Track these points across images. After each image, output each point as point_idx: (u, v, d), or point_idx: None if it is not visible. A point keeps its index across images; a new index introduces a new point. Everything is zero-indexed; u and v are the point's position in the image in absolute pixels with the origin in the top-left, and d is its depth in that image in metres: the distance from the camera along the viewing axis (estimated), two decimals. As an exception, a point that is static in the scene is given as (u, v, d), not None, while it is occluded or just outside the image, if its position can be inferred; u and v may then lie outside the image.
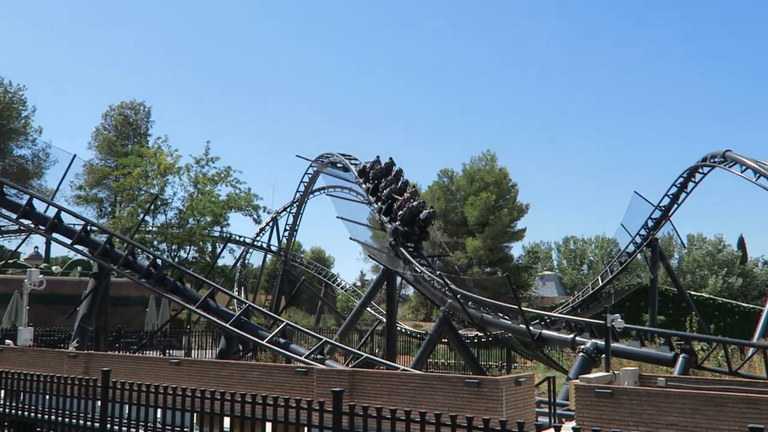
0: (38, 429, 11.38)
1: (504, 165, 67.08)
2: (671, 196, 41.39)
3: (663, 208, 41.59)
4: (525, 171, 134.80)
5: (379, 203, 31.31)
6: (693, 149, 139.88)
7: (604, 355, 15.81)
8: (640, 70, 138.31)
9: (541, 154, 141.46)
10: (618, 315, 15.19)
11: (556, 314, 27.73)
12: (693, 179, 40.72)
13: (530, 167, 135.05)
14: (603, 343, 17.35)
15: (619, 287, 48.35)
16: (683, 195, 41.18)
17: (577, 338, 20.37)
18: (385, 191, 31.22)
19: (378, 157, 34.19)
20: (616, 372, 12.54)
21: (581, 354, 19.16)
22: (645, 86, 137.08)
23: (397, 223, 29.86)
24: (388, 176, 32.09)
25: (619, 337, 19.94)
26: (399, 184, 31.55)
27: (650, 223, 42.02)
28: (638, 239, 42.31)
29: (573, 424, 8.78)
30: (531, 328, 22.17)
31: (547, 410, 13.50)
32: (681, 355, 18.11)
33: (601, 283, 43.70)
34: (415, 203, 30.13)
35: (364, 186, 33.63)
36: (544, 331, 22.15)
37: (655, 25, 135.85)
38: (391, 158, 33.35)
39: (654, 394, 8.60)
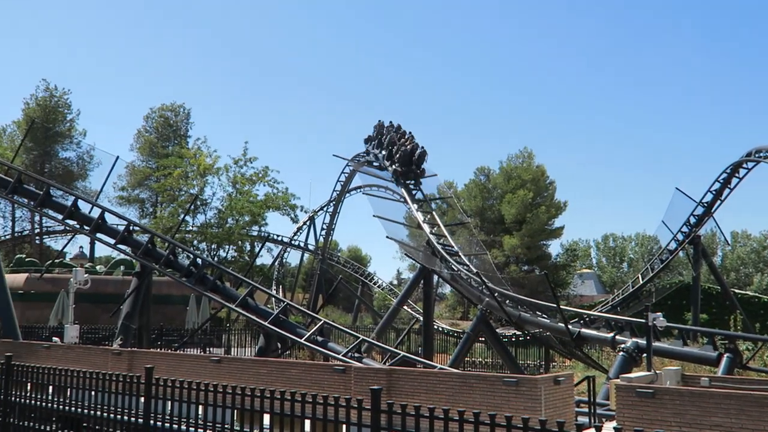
0: (84, 424, 11.65)
1: (541, 162, 66.60)
2: (714, 192, 40.48)
3: (705, 205, 40.68)
4: (563, 168, 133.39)
5: (383, 151, 35.10)
6: (737, 144, 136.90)
7: (645, 355, 15.56)
8: (682, 64, 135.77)
9: (579, 151, 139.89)
10: (660, 313, 14.93)
11: (595, 313, 27.37)
12: (737, 174, 39.76)
13: (568, 164, 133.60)
14: (644, 342, 17.10)
15: (661, 285, 47.49)
16: (727, 191, 40.22)
17: (617, 337, 20.09)
18: (386, 139, 35.10)
19: (380, 121, 37.26)
20: (658, 372, 12.36)
21: (622, 353, 18.90)
22: (688, 80, 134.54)
23: (395, 165, 32.83)
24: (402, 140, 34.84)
25: (660, 336, 19.62)
26: (399, 134, 35.07)
27: (692, 220, 41.16)
28: (680, 236, 41.47)
29: (614, 424, 8.67)
30: (570, 326, 21.93)
31: (586, 410, 13.35)
32: (725, 355, 17.74)
33: (641, 281, 42.92)
34: (409, 146, 33.06)
35: (380, 153, 35.80)
36: (583, 330, 21.90)
37: (698, 16, 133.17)
38: (390, 122, 36.69)
39: (697, 394, 8.45)
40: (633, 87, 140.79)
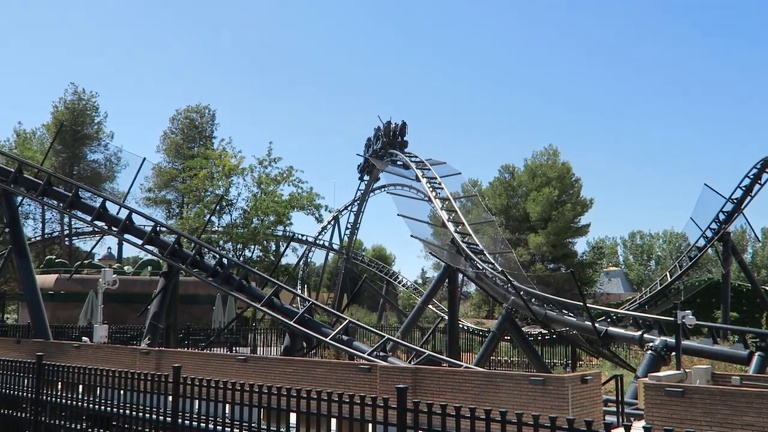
0: (114, 423, 11.79)
1: (567, 159, 66.10)
2: (744, 188, 39.80)
3: (735, 201, 40.01)
4: (589, 165, 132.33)
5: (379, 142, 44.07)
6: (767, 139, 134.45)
7: (674, 353, 15.37)
8: (711, 59, 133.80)
9: (605, 148, 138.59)
10: (689, 311, 14.72)
11: (622, 311, 27.08)
12: (767, 170, 39.11)
13: (595, 161, 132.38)
14: (673, 340, 16.90)
15: (689, 283, 46.85)
16: (757, 186, 39.53)
17: (645, 335, 19.86)
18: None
19: (390, 121, 44.17)
20: (687, 370, 12.19)
21: (650, 352, 18.68)
22: (717, 75, 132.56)
23: (380, 142, 42.87)
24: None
25: (690, 335, 19.37)
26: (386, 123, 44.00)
27: (722, 217, 40.51)
28: (709, 233, 40.84)
29: (642, 423, 8.57)
30: (597, 325, 21.73)
31: (613, 409, 13.20)
32: (756, 353, 17.45)
33: (669, 279, 42.37)
34: (392, 125, 43.11)
35: (377, 146, 44.08)
36: (611, 328, 21.69)
37: (725, 14, 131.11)
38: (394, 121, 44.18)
39: (728, 393, 8.31)
40: (661, 83, 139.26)
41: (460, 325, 36.50)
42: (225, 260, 22.46)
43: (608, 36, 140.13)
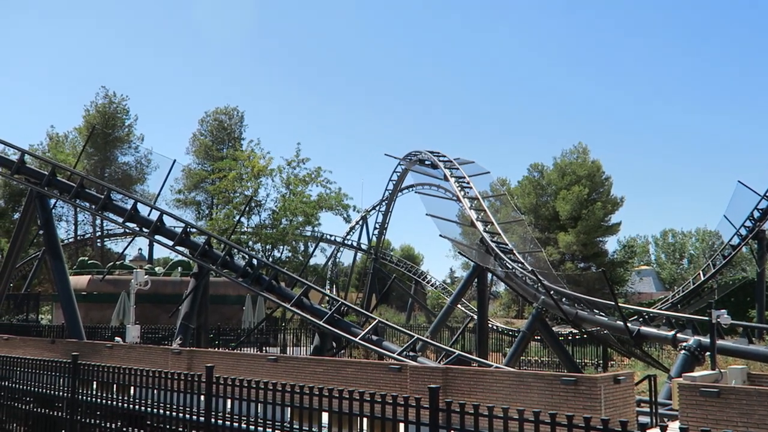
0: (148, 422, 11.94)
1: (597, 157, 65.35)
2: (780, 185, 38.97)
3: (770, 198, 39.23)
4: (620, 163, 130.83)
5: None
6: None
7: (709, 353, 15.15)
8: (744, 52, 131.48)
9: (636, 145, 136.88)
10: (724, 310, 14.50)
11: (655, 310, 26.73)
12: (803, 166, 38.31)
13: (625, 159, 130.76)
14: (707, 340, 16.66)
15: (723, 282, 46.06)
16: (793, 183, 38.76)
17: (678, 335, 19.59)
18: None
19: None
20: (722, 370, 11.99)
21: (684, 351, 18.42)
22: (752, 68, 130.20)
23: None
24: None
25: (724, 334, 19.05)
26: None
27: (756, 214, 39.72)
28: (743, 231, 40.06)
29: (677, 424, 8.45)
30: (629, 324, 21.48)
31: (647, 410, 13.04)
32: (793, 353, 17.14)
33: (703, 278, 41.67)
34: None
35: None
36: (643, 328, 21.43)
37: (753, 5, 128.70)
38: None
39: (765, 394, 8.16)
40: (691, 78, 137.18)
41: (490, 325, 36.32)
42: (255, 261, 22.61)
43: (638, 29, 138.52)
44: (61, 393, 13.35)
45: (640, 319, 22.33)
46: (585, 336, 30.53)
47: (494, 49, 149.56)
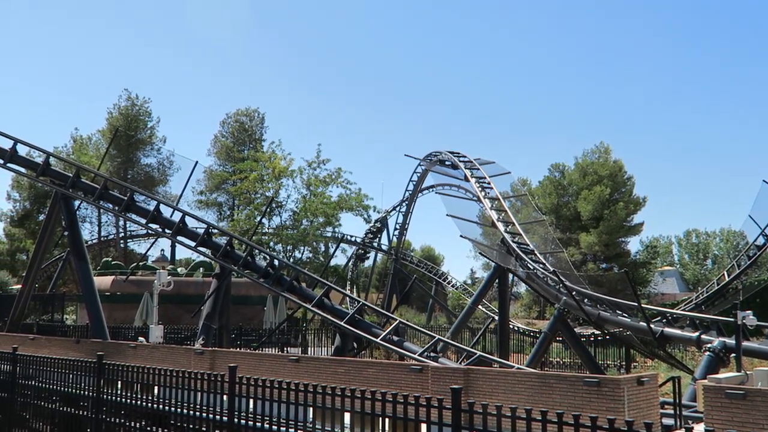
0: (171, 422, 12.04)
1: (619, 157, 64.86)
2: (805, 184, 38.37)
3: (796, 198, 38.61)
4: (642, 162, 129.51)
5: None
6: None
7: (734, 355, 14.97)
8: (765, 50, 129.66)
9: (659, 145, 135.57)
10: (749, 312, 14.33)
11: (679, 311, 26.45)
12: (830, 165, 37.70)
13: (648, 158, 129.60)
14: (732, 341, 16.46)
15: (748, 282, 45.35)
16: (819, 181, 38.09)
17: (703, 336, 19.36)
18: None
19: None
20: (748, 372, 11.86)
21: (708, 353, 18.20)
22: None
23: None
24: None
25: (749, 335, 18.81)
26: None
27: (783, 214, 39.16)
28: (769, 231, 39.53)
29: (702, 426, 8.37)
30: (652, 325, 21.27)
31: (670, 412, 12.92)
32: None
33: (727, 279, 41.15)
34: None
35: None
36: (667, 329, 21.20)
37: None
38: None
39: (792, 396, 8.05)
40: (714, 76, 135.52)
41: (511, 326, 36.16)
42: (276, 261, 22.70)
43: (662, 28, 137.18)
44: (86, 392, 13.50)
45: (664, 320, 22.10)
46: (607, 337, 30.29)
47: (515, 49, 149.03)
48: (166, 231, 23.25)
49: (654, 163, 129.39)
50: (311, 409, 9.35)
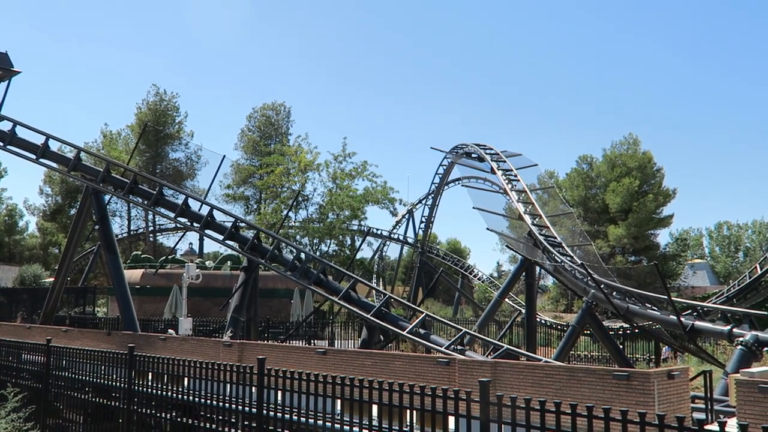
0: (202, 413, 12.18)
1: (648, 148, 64.06)
2: (840, 176, 37.55)
3: (831, 189, 37.81)
4: (672, 154, 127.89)
5: None
6: None
7: (767, 349, 14.71)
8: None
9: (688, 136, 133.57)
10: (783, 305, 14.06)
11: (710, 304, 26.09)
12: None
13: (678, 150, 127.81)
14: (765, 335, 16.19)
15: (781, 275, 44.58)
16: None
17: (734, 330, 19.09)
18: None
19: None
20: (781, 366, 11.64)
21: (740, 347, 17.95)
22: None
23: None
24: None
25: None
26: None
27: (816, 206, 38.36)
28: (802, 223, 38.77)
29: (734, 420, 8.25)
30: (682, 319, 21.02)
31: (701, 406, 12.75)
32: None
33: (760, 271, 40.45)
34: None
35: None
36: (697, 323, 20.95)
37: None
38: None
39: (828, 390, 7.89)
40: (745, 65, 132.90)
41: (538, 319, 35.96)
42: (303, 255, 22.82)
43: (687, 18, 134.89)
44: (118, 383, 13.71)
45: (694, 314, 21.84)
46: (636, 331, 29.99)
47: (541, 40, 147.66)
48: (195, 225, 23.46)
49: (685, 154, 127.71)
50: (339, 401, 9.39)
